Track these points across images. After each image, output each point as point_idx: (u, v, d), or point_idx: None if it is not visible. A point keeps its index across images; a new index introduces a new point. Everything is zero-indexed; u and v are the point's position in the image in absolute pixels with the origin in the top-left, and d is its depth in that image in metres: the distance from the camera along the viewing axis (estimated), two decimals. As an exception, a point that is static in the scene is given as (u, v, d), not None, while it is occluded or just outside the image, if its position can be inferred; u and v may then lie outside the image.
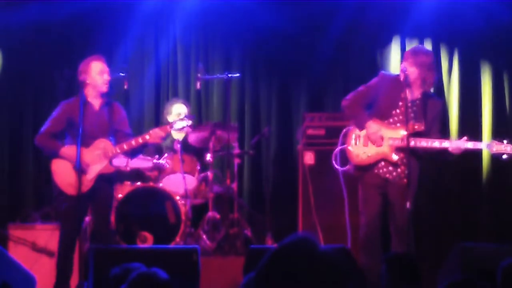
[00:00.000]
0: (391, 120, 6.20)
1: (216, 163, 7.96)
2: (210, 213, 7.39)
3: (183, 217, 7.11)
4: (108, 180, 6.42)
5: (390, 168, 6.16)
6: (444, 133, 6.87)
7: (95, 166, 6.30)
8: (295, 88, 8.46)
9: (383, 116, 6.22)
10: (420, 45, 7.51)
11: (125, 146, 6.32)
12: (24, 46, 8.29)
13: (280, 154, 8.39)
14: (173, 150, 7.63)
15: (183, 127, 6.50)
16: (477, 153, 7.88)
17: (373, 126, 6.18)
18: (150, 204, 7.16)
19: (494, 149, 6.03)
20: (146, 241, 7.02)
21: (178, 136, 7.79)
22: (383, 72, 6.48)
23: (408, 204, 5.85)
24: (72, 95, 8.14)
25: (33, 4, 8.07)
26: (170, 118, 7.83)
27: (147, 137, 6.33)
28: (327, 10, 8.18)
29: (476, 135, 7.48)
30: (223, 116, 8.22)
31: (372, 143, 6.18)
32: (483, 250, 5.72)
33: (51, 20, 8.12)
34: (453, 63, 8.13)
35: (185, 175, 7.25)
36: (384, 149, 6.15)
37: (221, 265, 6.72)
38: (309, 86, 8.40)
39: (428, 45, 8.11)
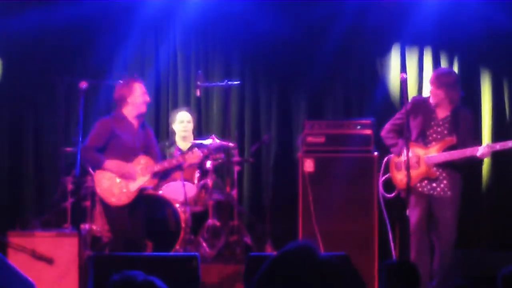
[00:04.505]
0: (426, 141, 6.53)
1: (216, 171, 7.95)
2: (210, 221, 7.38)
3: (183, 225, 7.10)
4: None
5: (434, 184, 6.46)
6: (478, 140, 7.09)
7: (139, 180, 6.56)
8: (295, 95, 8.45)
9: (419, 137, 6.54)
10: (441, 68, 7.70)
11: (166, 164, 6.60)
12: (24, 52, 8.29)
13: (280, 161, 8.39)
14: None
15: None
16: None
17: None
18: (150, 211, 7.15)
19: None
20: (146, 248, 7.01)
21: (180, 144, 7.81)
22: (414, 97, 6.80)
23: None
24: (71, 101, 8.18)
25: (33, 10, 8.08)
26: (173, 126, 7.88)
27: (186, 157, 6.62)
28: (327, 18, 8.18)
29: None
30: (223, 123, 8.23)
31: (411, 166, 6.38)
32: (483, 256, 5.73)
33: (51, 26, 8.12)
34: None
35: (185, 182, 7.24)
36: (423, 168, 6.44)
37: (221, 273, 6.71)
38: (309, 93, 8.39)
39: (428, 53, 8.13)
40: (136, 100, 6.60)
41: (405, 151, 6.44)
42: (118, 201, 6.52)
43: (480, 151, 6.29)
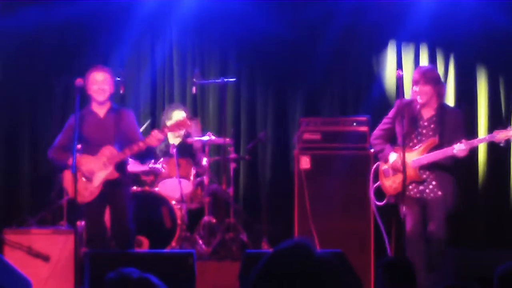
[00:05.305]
0: (410, 144, 6.43)
1: (212, 168, 7.96)
2: (206, 218, 7.38)
3: (179, 222, 7.11)
4: (117, 184, 6.45)
5: (421, 187, 6.36)
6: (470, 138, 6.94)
7: (100, 173, 6.37)
8: (291, 93, 8.46)
9: (405, 140, 6.39)
10: (422, 66, 7.60)
11: (128, 151, 6.36)
12: (21, 52, 8.28)
13: (276, 158, 8.39)
14: (168, 155, 7.62)
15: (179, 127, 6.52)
16: (473, 157, 7.89)
17: (392, 156, 6.46)
18: (146, 209, 7.15)
19: (498, 137, 6.19)
20: (142, 245, 7.01)
21: (174, 140, 7.79)
22: (398, 100, 6.58)
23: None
24: (68, 100, 8.19)
25: (29, 10, 8.06)
26: (168, 124, 7.83)
27: (147, 140, 6.35)
28: (323, 16, 8.18)
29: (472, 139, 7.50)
30: (219, 121, 8.23)
31: (397, 171, 6.38)
32: (479, 256, 5.72)
33: (47, 26, 8.12)
34: (449, 68, 8.13)
35: (181, 179, 7.24)
36: (409, 172, 6.29)
37: (217, 270, 6.71)
38: (305, 90, 8.40)
39: (424, 50, 8.13)
40: (90, 89, 6.50)
41: (390, 156, 6.44)
42: (83, 198, 6.37)
43: (456, 148, 6.15)
